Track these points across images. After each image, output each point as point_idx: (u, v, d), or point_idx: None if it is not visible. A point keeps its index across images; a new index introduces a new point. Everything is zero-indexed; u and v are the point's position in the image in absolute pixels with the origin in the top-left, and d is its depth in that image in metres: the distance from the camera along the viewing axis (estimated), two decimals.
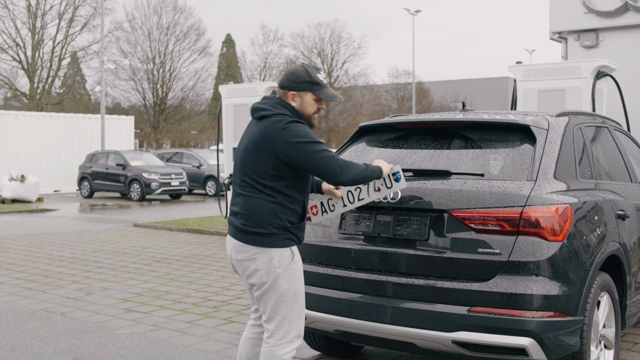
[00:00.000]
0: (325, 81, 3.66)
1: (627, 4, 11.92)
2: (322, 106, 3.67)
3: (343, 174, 3.51)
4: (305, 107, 3.63)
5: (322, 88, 3.63)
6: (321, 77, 3.64)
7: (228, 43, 65.31)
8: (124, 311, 6.81)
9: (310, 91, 3.61)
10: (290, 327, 3.56)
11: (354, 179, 3.58)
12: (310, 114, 3.64)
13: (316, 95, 3.62)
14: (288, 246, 3.57)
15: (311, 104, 3.63)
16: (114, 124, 29.82)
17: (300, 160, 3.46)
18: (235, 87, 13.03)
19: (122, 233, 13.57)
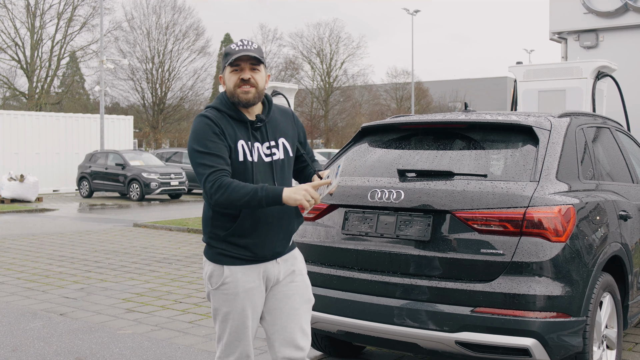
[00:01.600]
0: (238, 47, 3.11)
1: (627, 5, 11.94)
2: (243, 75, 3.09)
3: (215, 194, 2.94)
4: (227, 84, 3.13)
5: (232, 56, 3.09)
6: (234, 46, 3.13)
7: (227, 43, 65.25)
8: (125, 311, 6.81)
9: (225, 65, 3.13)
10: (226, 350, 3.22)
11: (230, 202, 2.95)
12: (231, 89, 3.10)
13: (228, 65, 3.11)
14: (219, 262, 3.13)
15: (228, 77, 3.12)
16: (113, 123, 29.82)
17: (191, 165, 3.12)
18: None
19: (122, 233, 13.57)
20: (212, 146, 3.00)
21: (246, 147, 3.10)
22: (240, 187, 2.93)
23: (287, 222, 3.22)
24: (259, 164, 3.12)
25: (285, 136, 3.26)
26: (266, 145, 3.18)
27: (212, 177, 2.95)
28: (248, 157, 3.09)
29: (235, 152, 3.07)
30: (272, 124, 3.24)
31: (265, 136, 3.18)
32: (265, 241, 3.15)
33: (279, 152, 3.20)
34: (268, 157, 3.17)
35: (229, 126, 3.09)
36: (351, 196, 4.36)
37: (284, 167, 3.23)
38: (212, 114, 3.09)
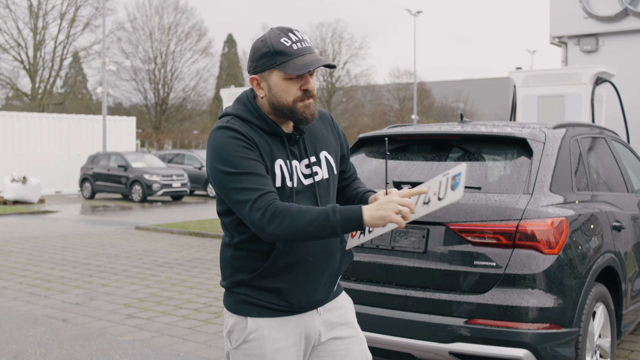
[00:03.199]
0: (296, 46, 2.33)
1: (627, 10, 11.98)
2: (307, 85, 2.36)
3: (270, 225, 2.22)
4: (278, 94, 2.36)
5: (289, 58, 2.32)
6: (288, 41, 2.33)
7: (229, 43, 65.39)
8: (126, 317, 6.88)
9: (274, 67, 2.34)
10: None
11: (293, 233, 2.23)
12: (288, 103, 2.35)
13: (284, 71, 2.32)
14: (241, 313, 2.43)
15: (283, 87, 2.34)
16: (116, 125, 29.92)
17: (218, 193, 2.39)
18: (236, 91, 13.11)
19: (123, 236, 13.64)
20: (247, 164, 2.28)
21: (285, 169, 2.39)
22: (302, 212, 2.22)
23: (331, 259, 2.48)
24: (298, 189, 2.41)
25: (327, 148, 2.55)
26: (305, 162, 2.46)
27: (261, 202, 2.23)
28: (287, 181, 2.38)
29: (271, 175, 2.36)
30: (311, 134, 2.52)
31: (304, 151, 2.47)
32: (304, 285, 2.42)
33: (321, 170, 2.49)
34: (308, 178, 2.45)
35: (262, 141, 2.37)
36: None
37: (328, 189, 2.51)
38: (238, 125, 2.35)
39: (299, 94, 2.35)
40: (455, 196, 2.18)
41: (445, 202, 2.21)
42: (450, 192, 2.20)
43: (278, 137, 2.42)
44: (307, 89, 2.36)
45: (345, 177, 2.71)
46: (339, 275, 2.56)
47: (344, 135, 2.69)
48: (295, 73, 2.30)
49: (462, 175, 2.20)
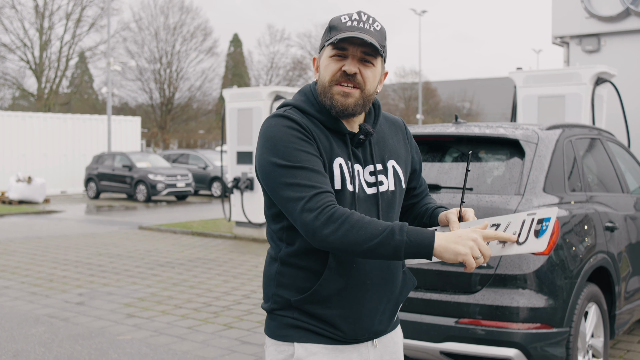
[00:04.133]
0: (351, 22, 2.08)
1: (628, 10, 11.97)
2: (348, 66, 2.06)
3: (323, 229, 1.92)
4: (322, 74, 2.12)
5: (337, 32, 2.07)
6: (345, 18, 2.10)
7: (235, 43, 65.48)
8: (126, 316, 6.94)
9: (324, 44, 2.11)
10: None
11: (349, 244, 1.91)
12: (325, 83, 2.09)
13: (329, 45, 2.08)
14: (288, 339, 2.11)
15: (326, 64, 2.10)
16: (121, 125, 30.01)
17: (266, 189, 2.09)
18: (239, 92, 13.16)
19: (126, 236, 13.71)
20: (303, 157, 2.00)
21: (346, 169, 2.09)
22: (364, 222, 1.91)
23: (391, 283, 2.15)
24: (359, 195, 2.10)
25: (396, 158, 2.24)
26: (369, 169, 2.16)
27: (316, 201, 1.93)
28: (348, 183, 2.07)
29: (329, 174, 2.06)
30: (379, 139, 2.23)
31: (369, 157, 2.17)
32: (362, 313, 2.10)
33: (387, 180, 2.18)
34: (372, 187, 2.14)
35: (322, 136, 2.09)
36: None
37: (393, 203, 2.20)
38: (294, 115, 2.08)
39: (337, 75, 2.06)
40: (539, 247, 1.89)
41: (525, 249, 1.91)
42: (534, 240, 1.90)
43: (340, 135, 2.13)
44: (347, 72, 2.05)
45: (415, 193, 2.39)
46: (400, 303, 2.23)
47: (416, 147, 2.38)
48: (328, 43, 2.07)
49: (551, 222, 1.89)
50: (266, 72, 56.62)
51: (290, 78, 55.85)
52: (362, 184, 2.13)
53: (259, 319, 6.81)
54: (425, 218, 2.31)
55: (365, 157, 2.16)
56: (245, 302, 7.59)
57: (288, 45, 63.49)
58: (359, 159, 2.15)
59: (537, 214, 1.91)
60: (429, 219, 2.30)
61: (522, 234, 1.93)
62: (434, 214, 2.28)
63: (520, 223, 1.95)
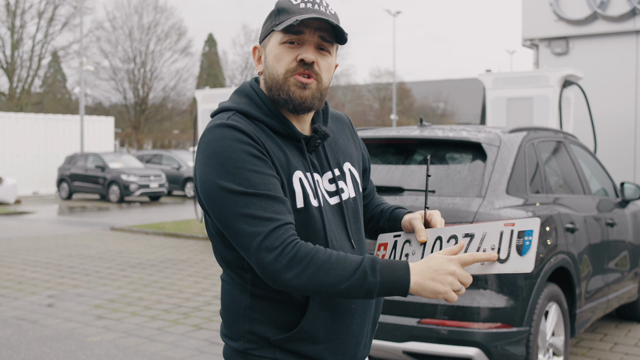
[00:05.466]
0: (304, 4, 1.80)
1: (596, 13, 12.18)
2: (304, 53, 1.79)
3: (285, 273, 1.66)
4: (270, 65, 1.82)
5: (290, 15, 1.79)
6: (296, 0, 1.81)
7: (210, 42, 65.26)
8: (95, 318, 6.93)
9: (273, 29, 1.82)
10: None
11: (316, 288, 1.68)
12: (279, 75, 1.80)
13: (280, 31, 1.80)
14: None
15: (277, 53, 1.81)
16: (94, 125, 29.81)
17: (212, 216, 1.77)
18: (211, 93, 13.16)
19: (98, 237, 13.65)
20: (258, 180, 1.70)
21: (306, 182, 1.82)
22: (332, 262, 1.67)
23: (371, 303, 1.94)
24: (325, 209, 1.85)
25: (350, 159, 2.01)
26: (328, 176, 1.91)
27: (276, 239, 1.66)
28: (311, 199, 1.81)
29: (289, 192, 1.78)
30: (330, 140, 1.98)
31: (325, 162, 1.92)
32: (349, 342, 1.87)
33: (346, 186, 1.95)
34: (334, 196, 1.90)
35: (274, 147, 1.80)
36: None
37: (356, 211, 1.97)
38: (242, 123, 1.77)
39: (292, 65, 1.78)
40: (525, 266, 1.67)
41: (509, 268, 1.69)
42: (517, 258, 1.68)
43: (294, 141, 1.85)
44: (304, 60, 1.77)
45: (366, 194, 2.18)
46: (377, 321, 2.02)
47: (363, 145, 2.14)
48: (280, 27, 1.77)
49: (534, 236, 1.68)
50: (241, 72, 56.52)
51: None
52: (323, 195, 1.86)
53: None
54: (383, 222, 2.11)
55: (321, 163, 1.91)
56: (215, 302, 7.61)
57: None
58: (315, 167, 1.88)
59: (516, 225, 1.72)
60: (387, 222, 2.10)
61: (502, 249, 1.71)
62: (392, 216, 2.09)
63: (498, 235, 1.74)
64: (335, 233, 1.85)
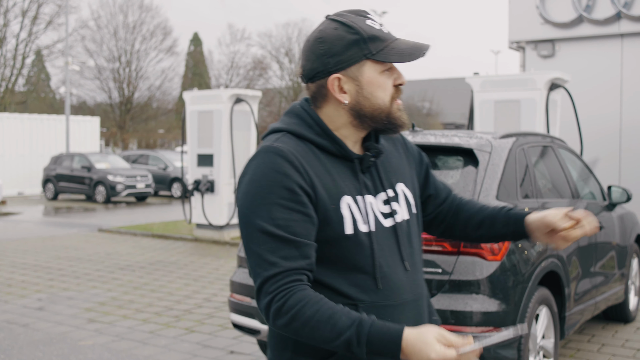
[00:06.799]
0: (385, 29, 1.81)
1: (581, 16, 12.30)
2: (401, 80, 1.82)
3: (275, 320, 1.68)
4: (373, 94, 1.79)
5: (385, 44, 1.78)
6: (376, 24, 1.81)
7: (195, 42, 65.09)
8: (86, 321, 6.94)
9: (366, 58, 1.77)
10: None
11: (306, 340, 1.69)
12: (386, 104, 1.79)
13: (384, 60, 1.78)
14: None
15: (380, 83, 1.79)
16: (79, 125, 29.68)
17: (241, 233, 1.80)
18: (199, 94, 13.17)
19: (86, 238, 13.62)
20: (280, 217, 1.69)
21: (355, 208, 1.78)
22: (316, 321, 1.63)
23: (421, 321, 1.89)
24: (378, 233, 1.80)
25: (403, 179, 1.95)
26: (382, 197, 1.85)
27: (272, 284, 1.67)
28: (360, 225, 1.77)
29: (336, 218, 1.75)
30: (383, 159, 1.92)
31: (379, 182, 1.87)
32: None
33: (400, 208, 1.88)
34: (388, 217, 1.84)
35: (322, 170, 1.77)
36: None
37: (409, 235, 1.89)
38: (289, 147, 1.76)
39: (393, 91, 1.81)
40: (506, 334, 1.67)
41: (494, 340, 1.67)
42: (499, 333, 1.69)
43: (347, 162, 1.81)
44: (402, 84, 1.83)
45: (441, 198, 2.10)
46: None
47: (418, 151, 2.08)
48: (403, 60, 1.77)
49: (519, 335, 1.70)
50: (226, 72, 56.46)
51: (251, 78, 55.78)
52: (377, 217, 1.81)
53: (220, 322, 6.88)
54: (500, 227, 2.05)
55: (374, 184, 1.85)
56: (206, 305, 7.64)
57: (249, 45, 63.50)
58: (369, 188, 1.82)
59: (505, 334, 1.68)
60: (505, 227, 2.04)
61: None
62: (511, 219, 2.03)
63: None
64: (386, 257, 1.81)
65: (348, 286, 1.75)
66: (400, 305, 1.80)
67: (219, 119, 12.58)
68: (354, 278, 1.76)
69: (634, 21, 11.84)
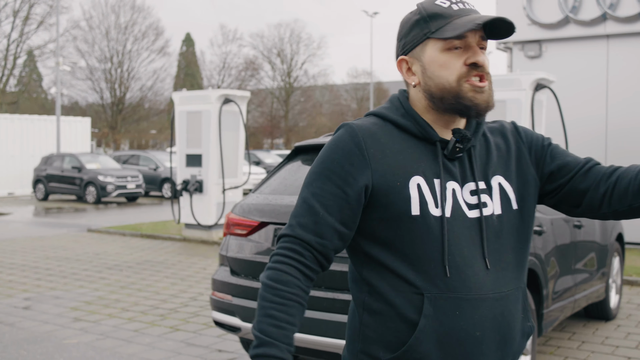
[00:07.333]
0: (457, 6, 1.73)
1: (568, 17, 12.39)
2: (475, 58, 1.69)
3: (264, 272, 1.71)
4: (435, 74, 1.72)
5: (448, 20, 1.70)
6: (445, 2, 1.73)
7: (187, 42, 65.08)
8: (72, 320, 6.97)
9: (428, 37, 1.73)
10: None
11: None
12: (450, 83, 1.70)
13: (441, 37, 1.70)
14: None
15: (442, 62, 1.71)
16: (70, 125, 29.65)
17: None
18: (188, 94, 13.21)
19: (75, 238, 13.64)
20: (318, 188, 1.72)
21: (427, 189, 1.69)
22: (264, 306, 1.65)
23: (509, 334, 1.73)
24: (455, 221, 1.69)
25: (505, 173, 1.80)
26: (470, 187, 1.74)
27: (280, 245, 1.72)
28: (431, 207, 1.67)
29: (401, 196, 1.68)
30: (482, 151, 1.81)
31: (469, 172, 1.76)
32: None
33: (492, 201, 1.75)
34: (473, 209, 1.72)
35: (395, 148, 1.73)
36: (280, 214, 4.62)
37: (500, 231, 1.74)
38: (362, 125, 1.76)
39: (464, 70, 1.70)
40: None
41: None
42: None
43: (429, 145, 1.74)
44: (476, 62, 1.69)
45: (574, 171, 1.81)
46: (518, 358, 1.79)
47: (531, 136, 1.87)
48: (454, 33, 1.67)
49: None
50: (218, 72, 56.49)
51: (243, 78, 55.82)
52: (460, 205, 1.70)
53: (205, 321, 6.92)
54: None
55: (463, 173, 1.75)
56: (192, 304, 7.69)
57: (240, 46, 63.49)
58: (453, 175, 1.73)
59: None
60: None
61: None
62: None
63: None
64: (462, 248, 1.68)
65: (415, 274, 1.66)
66: (473, 300, 1.66)
67: (207, 119, 12.63)
68: (422, 265, 1.66)
69: (619, 22, 11.94)
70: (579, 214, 1.84)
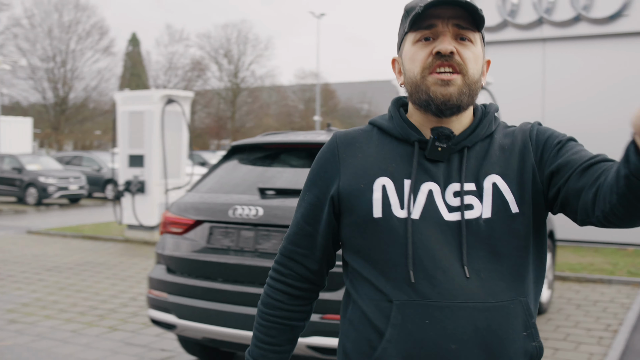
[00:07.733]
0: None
1: (506, 21, 12.71)
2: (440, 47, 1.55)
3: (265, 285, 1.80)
4: (407, 70, 1.63)
5: (415, 10, 1.59)
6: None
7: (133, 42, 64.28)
8: (7, 322, 6.88)
9: (405, 33, 1.65)
10: None
11: None
12: (416, 77, 1.59)
13: (411, 32, 1.62)
14: None
15: (410, 55, 1.62)
16: (11, 126, 29.04)
17: None
18: (130, 95, 13.11)
19: (14, 241, 13.39)
20: (301, 198, 1.77)
21: (393, 190, 1.59)
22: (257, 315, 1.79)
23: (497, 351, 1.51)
24: (426, 223, 1.56)
25: (502, 172, 1.61)
26: (454, 189, 1.60)
27: (277, 259, 1.80)
28: (395, 209, 1.57)
29: (364, 198, 1.60)
30: (480, 151, 1.64)
31: (456, 172, 1.61)
32: None
33: (481, 204, 1.58)
34: (453, 211, 1.57)
35: (369, 151, 1.67)
36: (215, 212, 4.67)
37: (488, 237, 1.56)
38: (349, 131, 1.74)
39: (429, 61, 1.57)
40: None
41: None
42: None
43: (408, 146, 1.64)
44: (441, 51, 1.55)
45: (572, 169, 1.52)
46: None
47: (552, 136, 1.64)
48: (408, 24, 1.59)
49: None
50: (165, 73, 55.95)
51: (189, 79, 55.41)
52: (436, 207, 1.56)
53: (144, 320, 6.91)
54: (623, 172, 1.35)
55: (448, 174, 1.60)
56: (131, 304, 7.66)
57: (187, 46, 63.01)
58: (432, 175, 1.59)
59: None
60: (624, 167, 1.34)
61: None
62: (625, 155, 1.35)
63: None
64: (433, 252, 1.53)
65: (385, 280, 1.56)
66: (446, 309, 1.49)
67: (150, 119, 12.55)
68: (390, 272, 1.55)
69: (555, 26, 12.31)
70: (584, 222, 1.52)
